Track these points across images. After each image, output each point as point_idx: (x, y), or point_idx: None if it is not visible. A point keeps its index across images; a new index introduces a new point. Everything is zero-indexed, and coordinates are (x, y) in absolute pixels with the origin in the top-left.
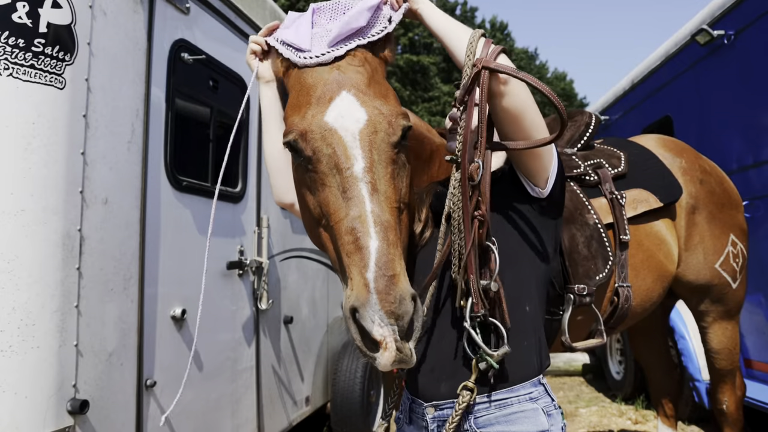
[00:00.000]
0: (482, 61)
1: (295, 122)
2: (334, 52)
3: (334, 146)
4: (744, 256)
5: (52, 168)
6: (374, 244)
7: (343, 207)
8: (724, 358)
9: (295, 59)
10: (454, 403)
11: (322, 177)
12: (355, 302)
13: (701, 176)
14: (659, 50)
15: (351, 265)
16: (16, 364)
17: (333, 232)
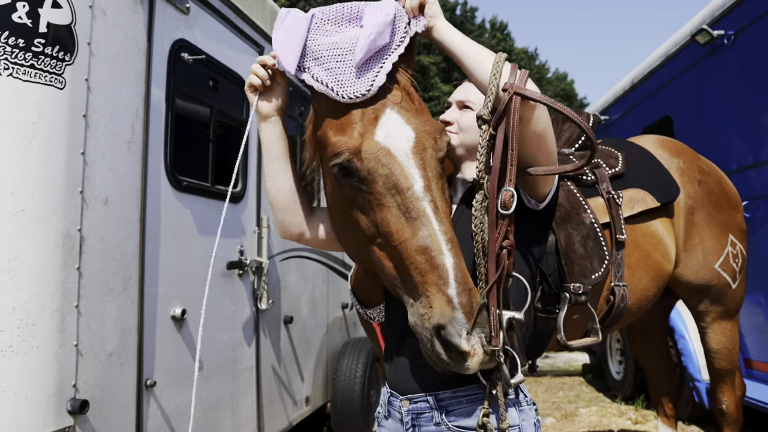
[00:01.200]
0: (514, 87)
1: (342, 142)
2: (377, 81)
3: (391, 166)
4: (743, 256)
5: (52, 168)
6: (449, 261)
7: (408, 227)
8: (724, 358)
9: (338, 98)
10: (427, 396)
11: (379, 198)
12: (441, 320)
13: (699, 177)
14: (659, 50)
15: (427, 283)
16: (16, 364)
17: (397, 252)
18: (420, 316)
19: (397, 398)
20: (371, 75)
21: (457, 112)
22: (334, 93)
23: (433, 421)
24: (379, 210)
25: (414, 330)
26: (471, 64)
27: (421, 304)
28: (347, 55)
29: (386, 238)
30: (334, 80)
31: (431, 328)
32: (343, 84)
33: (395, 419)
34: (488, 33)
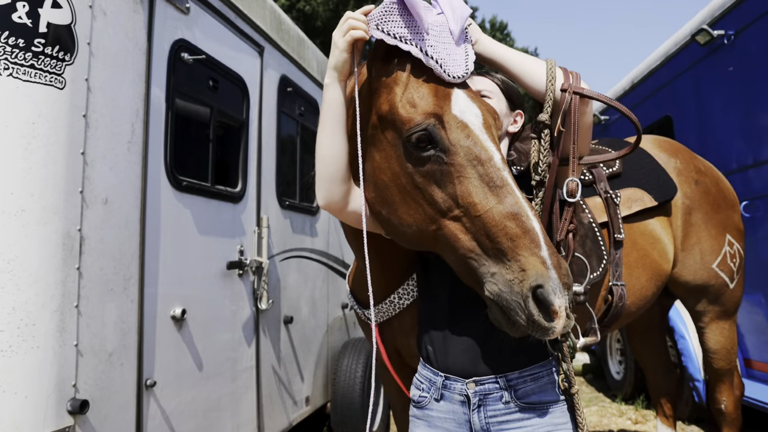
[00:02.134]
0: (573, 87)
1: (422, 112)
2: (469, 65)
3: (472, 138)
4: (741, 256)
5: (52, 168)
6: (537, 225)
7: (492, 196)
8: (722, 358)
9: (444, 76)
10: (497, 378)
11: (459, 169)
12: (538, 279)
13: (696, 176)
14: (659, 50)
15: (519, 247)
16: (16, 364)
17: (479, 221)
18: (508, 282)
19: (459, 381)
20: (462, 58)
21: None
22: (442, 69)
23: (502, 400)
24: (460, 182)
25: (497, 300)
26: (522, 71)
27: (508, 270)
28: (444, 36)
29: (467, 209)
30: (441, 57)
31: (526, 290)
32: (447, 63)
33: (452, 401)
34: (488, 33)
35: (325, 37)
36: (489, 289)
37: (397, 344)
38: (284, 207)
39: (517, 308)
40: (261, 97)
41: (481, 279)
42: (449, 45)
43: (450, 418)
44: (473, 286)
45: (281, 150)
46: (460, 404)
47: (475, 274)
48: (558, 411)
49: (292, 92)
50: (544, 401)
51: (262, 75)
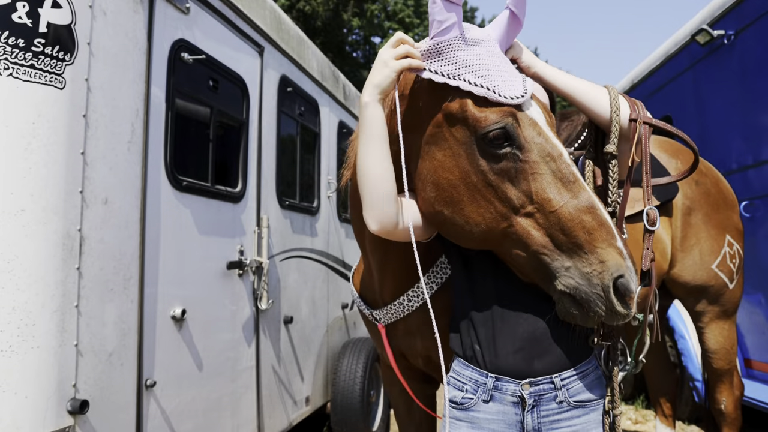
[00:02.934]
0: (643, 118)
1: (497, 111)
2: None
3: (543, 135)
4: (740, 256)
5: (52, 168)
6: (609, 219)
7: (567, 191)
8: (721, 358)
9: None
10: (552, 378)
11: (534, 166)
12: (620, 269)
13: (697, 177)
14: (659, 50)
15: (596, 240)
16: (16, 364)
17: (555, 217)
18: (585, 275)
19: (512, 382)
20: (520, 80)
21: None
22: (496, 95)
23: (556, 399)
24: (534, 179)
25: (574, 293)
26: (586, 100)
27: (585, 263)
28: (497, 62)
29: (542, 204)
30: (495, 84)
31: (607, 281)
32: (501, 87)
33: (503, 402)
34: None
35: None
36: (565, 283)
37: (402, 345)
38: (284, 207)
39: (597, 300)
40: (261, 97)
41: (555, 274)
42: (504, 70)
43: (499, 419)
44: (541, 282)
45: (281, 150)
46: (512, 405)
47: (547, 269)
48: (600, 407)
49: (292, 92)
50: (591, 399)
51: (262, 75)
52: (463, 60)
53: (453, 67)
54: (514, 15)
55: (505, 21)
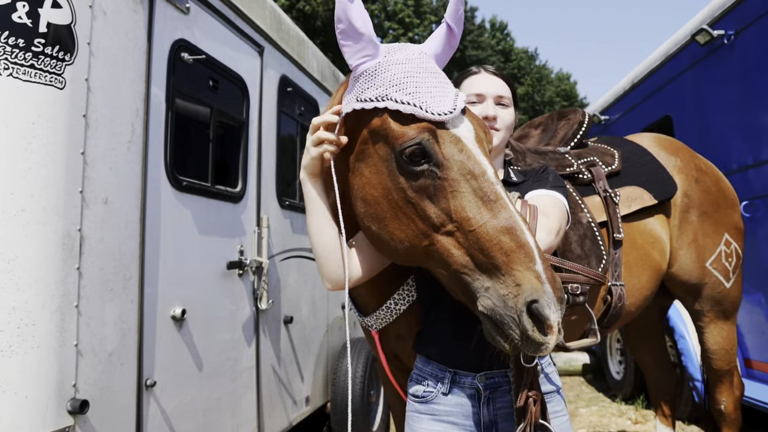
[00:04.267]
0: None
1: (416, 128)
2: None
3: (465, 153)
4: (738, 255)
5: (52, 168)
6: (531, 240)
7: (487, 210)
8: (721, 359)
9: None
10: (506, 372)
11: (453, 183)
12: (534, 294)
13: (697, 175)
14: (659, 50)
15: (513, 262)
16: (16, 364)
17: (473, 236)
18: (502, 297)
19: (469, 375)
20: (452, 96)
21: (495, 107)
22: (423, 111)
23: (510, 392)
24: (453, 196)
25: (490, 314)
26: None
27: (503, 285)
28: (428, 79)
29: (461, 223)
30: (423, 101)
31: (521, 305)
32: (429, 104)
33: (460, 395)
34: (488, 33)
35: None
36: (483, 303)
37: (395, 348)
38: (284, 207)
39: (511, 323)
40: (261, 97)
41: (475, 294)
42: (435, 86)
43: (458, 411)
44: (466, 301)
45: (281, 150)
46: (469, 397)
47: (468, 289)
48: (555, 400)
49: (292, 92)
50: (545, 392)
51: (262, 75)
52: (390, 80)
53: (381, 90)
54: (451, 29)
55: (442, 35)
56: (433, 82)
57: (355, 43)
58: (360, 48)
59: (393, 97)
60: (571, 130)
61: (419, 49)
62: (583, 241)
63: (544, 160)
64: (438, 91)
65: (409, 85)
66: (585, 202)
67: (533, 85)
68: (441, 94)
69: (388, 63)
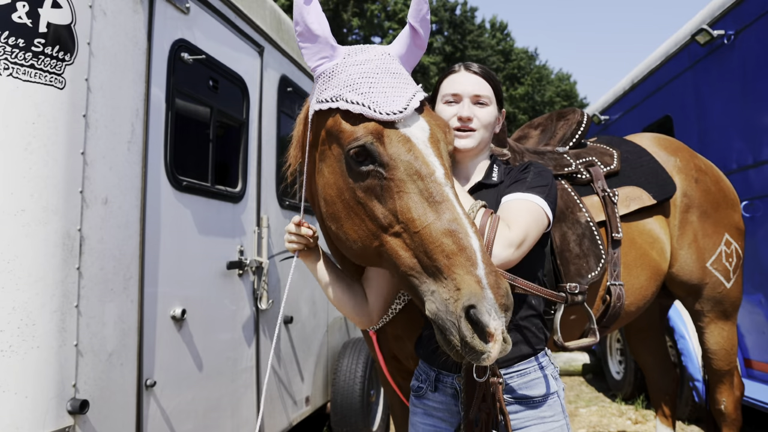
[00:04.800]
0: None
1: (363, 127)
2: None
3: (413, 152)
4: (739, 255)
5: (52, 168)
6: (476, 243)
7: (431, 211)
8: (721, 359)
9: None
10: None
11: (400, 184)
12: (471, 299)
13: (696, 175)
14: (659, 50)
15: (454, 265)
16: (16, 364)
17: (418, 238)
18: (444, 302)
19: (450, 375)
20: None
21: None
22: (372, 111)
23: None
24: (399, 197)
25: (434, 319)
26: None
27: (445, 288)
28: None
29: (407, 224)
30: (374, 101)
31: (460, 310)
32: (380, 103)
33: (444, 393)
34: (488, 33)
35: None
36: (428, 308)
37: (393, 348)
38: (284, 207)
39: (452, 328)
40: (261, 97)
41: (423, 297)
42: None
43: (444, 409)
44: (418, 305)
45: (281, 150)
46: (451, 396)
47: (416, 292)
48: (545, 405)
49: (292, 92)
50: (531, 396)
51: (262, 75)
52: (345, 80)
53: (335, 91)
54: (414, 30)
55: (406, 35)
56: (391, 82)
57: (312, 45)
58: (317, 50)
59: (345, 98)
60: (570, 130)
61: (383, 51)
62: (582, 241)
63: (543, 160)
64: (393, 90)
65: (362, 85)
66: (584, 202)
67: (533, 85)
68: (396, 94)
69: (345, 64)
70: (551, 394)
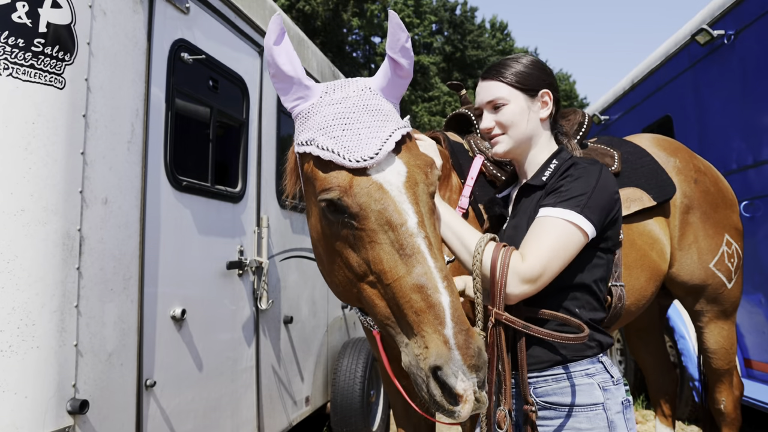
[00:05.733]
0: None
1: (333, 177)
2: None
3: (383, 201)
4: (739, 255)
5: (52, 168)
6: (446, 300)
7: (402, 264)
8: (721, 358)
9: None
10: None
11: (371, 234)
12: (437, 360)
13: (696, 176)
14: (659, 50)
15: (423, 323)
16: (16, 364)
17: (390, 291)
18: (415, 357)
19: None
20: (382, 137)
21: (491, 115)
22: (341, 158)
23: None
24: (371, 247)
25: (408, 371)
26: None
27: (416, 344)
28: (358, 120)
29: (379, 276)
30: (345, 146)
31: (427, 369)
32: (351, 149)
33: None
34: (488, 33)
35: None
36: (403, 359)
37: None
38: (284, 207)
39: (422, 384)
40: (261, 97)
41: (399, 347)
42: (368, 126)
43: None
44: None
45: (281, 150)
46: None
47: (394, 340)
48: (582, 416)
49: None
50: (563, 403)
51: (262, 75)
52: (319, 122)
53: (310, 134)
54: (394, 61)
55: (386, 67)
56: (367, 121)
57: (287, 86)
58: (292, 91)
59: (317, 143)
60: (571, 130)
61: (363, 85)
62: None
63: None
64: (369, 131)
65: (336, 127)
66: None
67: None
68: (370, 135)
69: (321, 104)
70: (593, 405)
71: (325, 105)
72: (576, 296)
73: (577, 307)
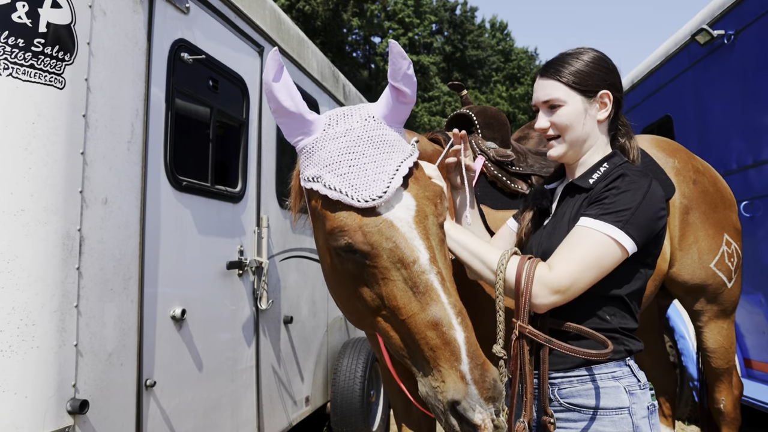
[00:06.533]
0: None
1: (342, 220)
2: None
3: (395, 239)
4: (739, 255)
5: (52, 168)
6: (461, 336)
7: (416, 301)
8: (720, 357)
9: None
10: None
11: (384, 272)
12: (455, 395)
13: (694, 176)
14: (659, 50)
15: (439, 359)
16: (16, 364)
17: (405, 326)
18: (432, 389)
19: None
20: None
21: (546, 115)
22: (348, 197)
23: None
24: (385, 284)
25: (426, 400)
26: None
27: (432, 377)
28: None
29: (393, 311)
30: (352, 184)
31: (445, 403)
32: (358, 187)
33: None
34: (488, 33)
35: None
36: (420, 389)
37: None
38: (284, 207)
39: (441, 415)
40: (261, 97)
41: (415, 376)
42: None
43: None
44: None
45: (281, 150)
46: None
47: (411, 370)
48: (607, 419)
49: None
50: (587, 405)
51: (262, 75)
52: (325, 158)
53: (316, 170)
54: (396, 89)
55: (388, 95)
56: (373, 155)
57: (289, 121)
58: (295, 126)
59: (323, 180)
60: None
61: (367, 114)
62: None
63: (545, 161)
64: (375, 167)
65: (342, 164)
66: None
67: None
68: (378, 170)
69: (325, 138)
70: (619, 409)
71: (329, 139)
72: (608, 306)
73: (609, 315)
